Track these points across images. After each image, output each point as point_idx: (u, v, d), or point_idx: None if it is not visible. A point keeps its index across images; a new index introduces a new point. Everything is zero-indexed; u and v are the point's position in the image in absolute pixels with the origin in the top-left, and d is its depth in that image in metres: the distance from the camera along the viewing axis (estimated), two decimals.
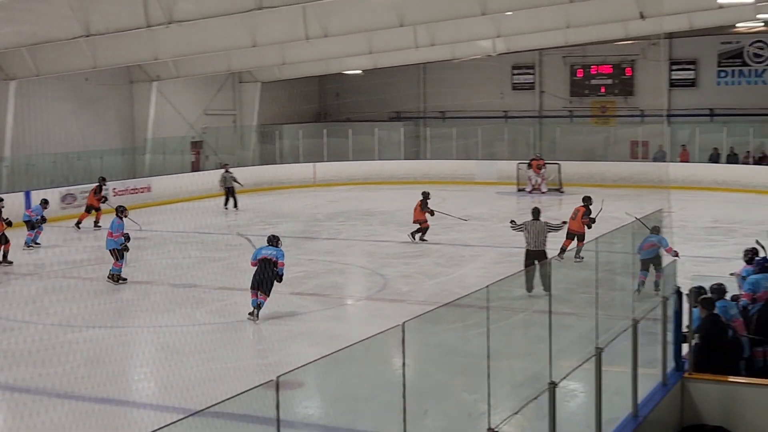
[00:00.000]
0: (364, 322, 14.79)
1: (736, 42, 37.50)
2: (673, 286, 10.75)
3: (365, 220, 27.19)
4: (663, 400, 9.79)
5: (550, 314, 8.21)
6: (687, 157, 36.70)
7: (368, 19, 25.11)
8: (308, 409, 9.58)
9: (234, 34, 25.48)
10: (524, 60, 41.15)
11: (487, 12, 23.86)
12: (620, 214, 26.14)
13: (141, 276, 18.48)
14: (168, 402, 10.89)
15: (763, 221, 20.05)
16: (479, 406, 7.66)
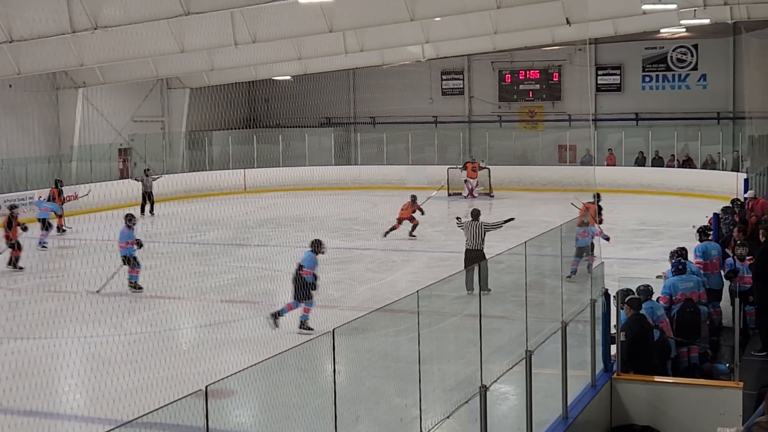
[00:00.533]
0: (295, 328, 14.73)
1: (660, 47, 38.25)
2: (600, 288, 10.91)
3: (296, 227, 27.08)
4: (592, 401, 9.93)
5: (480, 318, 8.27)
6: (614, 160, 37.32)
7: (297, 25, 25.03)
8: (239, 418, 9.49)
9: (161, 40, 25.20)
10: (453, 65, 41.44)
11: (415, 18, 23.99)
12: (550, 218, 26.50)
13: (68, 285, 18.16)
14: (96, 413, 10.72)
15: (688, 223, 20.43)
16: (411, 411, 7.68)
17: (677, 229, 23.18)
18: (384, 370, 8.90)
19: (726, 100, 37.34)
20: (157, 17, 20.97)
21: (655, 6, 23.82)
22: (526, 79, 40.59)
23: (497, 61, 40.64)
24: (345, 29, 26.18)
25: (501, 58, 40.12)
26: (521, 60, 40.15)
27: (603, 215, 19.22)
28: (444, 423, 7.51)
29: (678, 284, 12.34)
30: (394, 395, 8.82)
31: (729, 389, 9.97)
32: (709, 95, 37.67)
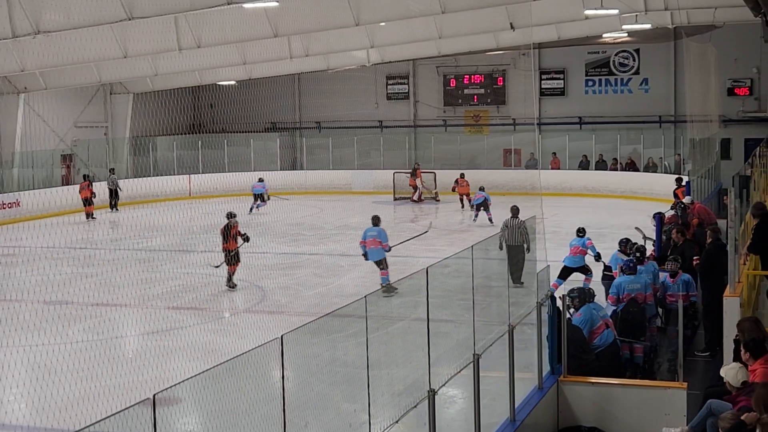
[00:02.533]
0: (242, 334, 14.66)
1: (603, 52, 38.73)
2: (547, 291, 11.01)
3: None
4: (540, 403, 10.01)
5: (428, 322, 8.30)
6: (558, 164, 37.71)
7: (242, 30, 24.92)
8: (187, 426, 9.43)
9: (104, 45, 24.90)
10: (398, 70, 41.56)
11: (360, 23, 24.02)
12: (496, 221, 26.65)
13: (11, 294, 17.87)
14: (41, 423, 10.57)
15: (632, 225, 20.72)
16: (360, 416, 7.69)
17: (621, 231, 23.40)
18: (332, 375, 8.90)
19: (667, 104, 37.91)
20: (99, 22, 20.73)
21: (598, 11, 24.13)
22: (471, 83, 40.84)
23: (442, 65, 40.83)
24: (290, 34, 26.11)
25: (446, 62, 40.31)
26: (466, 65, 40.37)
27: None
28: (393, 428, 7.53)
29: (624, 284, 12.53)
30: (342, 401, 8.83)
31: (673, 389, 10.12)
32: (651, 99, 38.20)
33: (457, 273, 12.65)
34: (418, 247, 22.99)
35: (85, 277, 19.81)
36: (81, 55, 25.36)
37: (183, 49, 24.98)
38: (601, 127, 38.44)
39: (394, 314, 11.57)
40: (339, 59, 34.92)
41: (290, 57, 30.23)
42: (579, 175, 36.07)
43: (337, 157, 40.26)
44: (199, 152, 39.68)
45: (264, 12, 23.71)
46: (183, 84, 37.39)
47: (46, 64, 27.21)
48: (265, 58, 31.10)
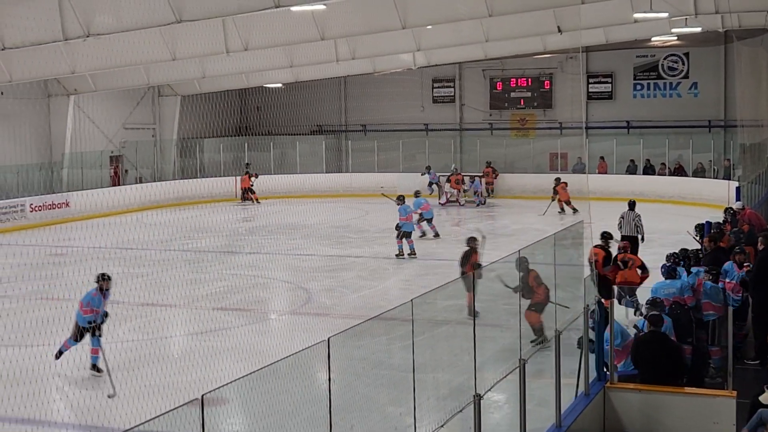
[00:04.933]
0: (288, 336, 14.72)
1: (652, 55, 38.37)
2: (594, 297, 10.92)
3: (287, 234, 27.09)
4: (586, 409, 9.93)
5: (474, 326, 8.27)
6: (605, 168, 37.40)
7: (289, 33, 25.04)
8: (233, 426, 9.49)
9: (153, 48, 25.16)
10: (444, 73, 41.50)
11: (407, 26, 24.02)
12: (541, 226, 26.54)
13: (60, 293, 18.10)
14: (90, 421, 10.70)
15: (679, 231, 20.49)
16: (405, 420, 7.68)
17: (668, 237, 23.19)
18: (377, 378, 8.91)
19: (717, 108, 37.47)
20: (149, 25, 20.93)
21: (647, 14, 23.90)
22: (518, 87, 40.66)
23: (488, 69, 40.72)
24: (337, 37, 26.19)
25: (492, 66, 40.20)
26: (512, 68, 40.23)
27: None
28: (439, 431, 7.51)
29: (661, 289, 12.42)
30: (387, 404, 8.83)
31: (722, 398, 9.99)
32: (700, 103, 37.79)
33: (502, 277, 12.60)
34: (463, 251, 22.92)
35: (134, 278, 20.00)
36: (130, 57, 25.69)
37: (230, 51, 25.17)
38: (649, 131, 38.08)
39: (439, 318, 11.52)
40: (385, 62, 34.97)
41: (337, 60, 30.32)
42: (626, 180, 35.72)
43: (382, 160, 40.28)
44: (245, 154, 39.94)
45: (311, 15, 23.82)
46: (230, 86, 37.66)
47: (96, 67, 27.56)
48: (311, 61, 31.23)
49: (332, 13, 23.66)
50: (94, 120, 35.61)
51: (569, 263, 12.84)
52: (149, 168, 38.48)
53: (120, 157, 37.53)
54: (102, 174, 35.72)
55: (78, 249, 24.60)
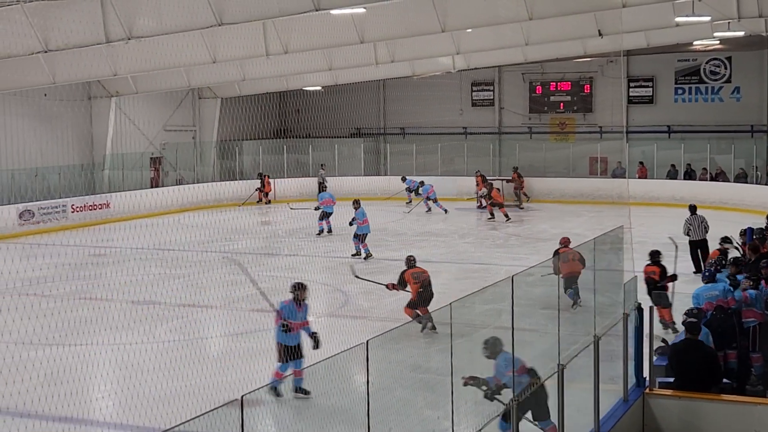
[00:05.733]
0: (325, 338, 14.73)
1: (693, 60, 38.05)
2: (633, 303, 10.85)
3: (326, 236, 27.14)
4: (624, 416, 9.86)
5: (513, 331, 8.24)
6: (645, 173, 37.10)
7: (329, 36, 25.12)
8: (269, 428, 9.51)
9: (194, 50, 25.36)
10: (484, 76, 41.43)
11: (447, 29, 24.01)
12: (581, 230, 26.38)
13: (100, 293, 18.30)
14: (129, 420, 10.79)
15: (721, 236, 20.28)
16: (442, 423, 7.67)
17: (709, 242, 22.96)
18: (414, 381, 8.89)
19: (760, 113, 37.07)
20: (190, 27, 21.12)
21: (689, 18, 23.68)
22: (557, 90, 40.50)
23: (528, 72, 40.60)
24: (376, 40, 26.25)
25: (532, 69, 40.08)
26: (552, 71, 40.08)
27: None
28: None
29: (702, 294, 12.31)
30: (424, 407, 8.80)
31: (764, 406, 9.88)
32: (742, 108, 37.40)
33: (539, 282, 12.53)
34: (502, 255, 22.90)
35: (173, 278, 20.16)
36: (171, 59, 25.91)
37: (270, 54, 25.31)
38: (690, 135, 37.73)
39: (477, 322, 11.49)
40: (424, 65, 34.99)
41: (376, 63, 30.40)
42: (667, 185, 35.42)
43: (420, 164, 40.26)
44: (284, 156, 40.11)
45: (351, 18, 23.88)
46: (270, 89, 37.86)
47: (138, 69, 27.85)
48: (351, 64, 31.33)
49: (372, 16, 23.73)
50: (135, 122, 35.97)
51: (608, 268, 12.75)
52: (189, 170, 38.76)
53: (160, 158, 37.86)
54: (142, 175, 36.05)
55: (118, 250, 24.85)
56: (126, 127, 35.44)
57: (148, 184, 36.16)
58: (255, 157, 40.45)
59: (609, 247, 13.53)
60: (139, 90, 33.75)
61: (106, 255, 24.32)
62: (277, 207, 35.48)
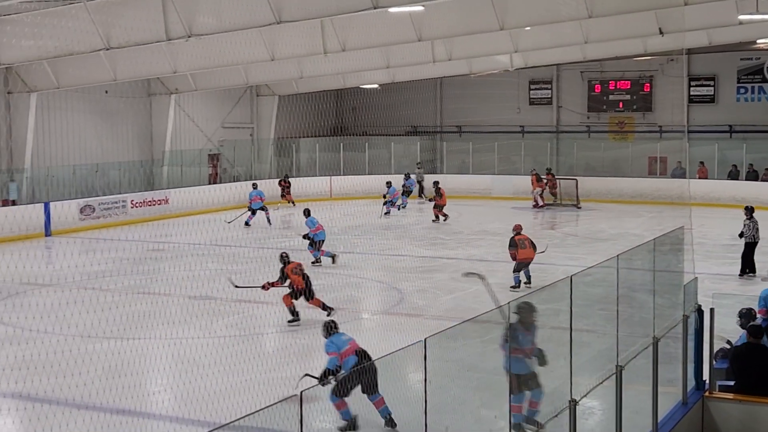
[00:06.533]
0: (380, 336, 14.75)
1: (756, 58, 37.41)
2: (693, 304, 10.69)
3: (381, 234, 27.18)
4: (683, 419, 9.72)
5: (571, 331, 8.17)
6: (705, 173, 36.56)
7: (386, 34, 25.15)
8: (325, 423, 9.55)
9: (252, 48, 25.56)
10: (542, 75, 41.17)
11: (505, 27, 23.88)
12: (639, 231, 26.11)
13: (159, 288, 18.51)
14: (186, 414, 10.89)
15: None
16: (498, 422, 7.63)
17: None
18: (469, 380, 8.86)
19: None
20: (249, 25, 21.29)
21: (753, 16, 23.28)
22: (617, 89, 40.09)
23: (587, 70, 40.25)
24: (434, 38, 26.20)
25: (591, 67, 39.74)
26: (612, 70, 39.70)
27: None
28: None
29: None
30: (480, 406, 8.77)
31: None
32: None
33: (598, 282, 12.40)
34: (558, 255, 22.70)
35: (230, 274, 20.30)
36: (230, 57, 26.14)
37: (328, 52, 25.40)
38: (752, 135, 37.09)
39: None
40: (482, 63, 34.86)
41: (433, 61, 30.37)
42: (728, 185, 34.85)
43: (477, 162, 40.13)
44: (340, 154, 40.23)
45: (409, 16, 23.87)
46: (327, 87, 38.02)
47: (197, 66, 28.14)
48: (408, 62, 31.32)
49: (430, 14, 23.68)
50: (193, 119, 36.36)
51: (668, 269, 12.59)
52: (246, 167, 39.06)
53: (218, 155, 38.20)
54: (200, 172, 36.41)
55: (176, 245, 25.12)
56: (185, 124, 35.85)
57: (206, 181, 36.51)
58: (311, 155, 40.62)
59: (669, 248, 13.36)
60: (198, 87, 34.10)
61: (164, 250, 24.60)
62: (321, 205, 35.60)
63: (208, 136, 37.51)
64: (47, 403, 11.10)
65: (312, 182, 37.95)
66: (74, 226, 27.63)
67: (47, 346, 13.65)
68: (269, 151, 40.15)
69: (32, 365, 12.50)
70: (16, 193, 28.48)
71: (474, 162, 40.17)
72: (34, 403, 11.17)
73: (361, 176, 38.39)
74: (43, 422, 10.23)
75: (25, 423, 10.51)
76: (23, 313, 16.20)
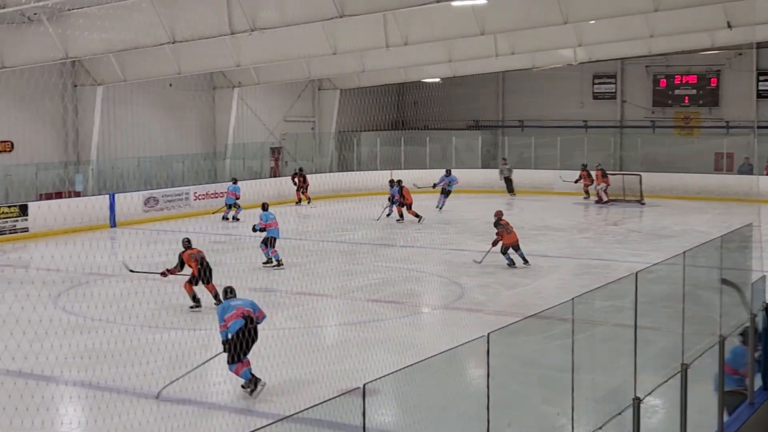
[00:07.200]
0: (440, 330, 14.72)
1: None
2: (762, 303, 10.48)
3: (442, 229, 27.11)
4: (750, 419, 9.54)
5: (635, 329, 8.06)
6: None
7: (449, 28, 25.05)
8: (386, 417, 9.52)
9: (315, 42, 25.66)
10: (606, 69, 40.72)
11: (569, 21, 23.63)
12: (704, 227, 25.71)
13: (221, 280, 18.64)
14: (247, 406, 10.97)
15: None
16: (560, 419, 7.55)
17: None
18: (530, 376, 8.77)
19: None
20: (311, 19, 21.36)
21: None
22: (682, 84, 39.48)
23: (652, 65, 39.72)
24: (497, 32, 26.03)
25: (656, 61, 39.21)
26: (678, 64, 39.11)
27: None
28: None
29: None
30: (541, 403, 8.68)
31: None
32: None
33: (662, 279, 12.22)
34: (622, 251, 22.47)
35: (291, 267, 20.42)
36: (292, 51, 26.28)
37: (390, 46, 25.39)
38: None
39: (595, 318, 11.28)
40: (545, 57, 34.59)
41: (496, 55, 30.20)
42: None
43: (539, 157, 39.84)
44: (401, 148, 40.22)
45: (472, 10, 23.74)
46: (388, 81, 38.02)
47: (260, 60, 28.34)
48: (470, 56, 31.20)
49: (493, 7, 23.55)
50: (256, 112, 36.63)
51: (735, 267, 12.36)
52: (308, 160, 39.27)
53: (280, 149, 38.44)
54: (262, 165, 36.67)
55: (237, 238, 25.32)
56: (247, 118, 36.14)
57: (267, 174, 36.76)
58: (372, 149, 40.68)
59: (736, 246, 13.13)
60: (260, 81, 34.34)
61: (225, 242, 24.81)
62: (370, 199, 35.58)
63: (270, 130, 37.77)
64: (112, 392, 11.26)
65: (373, 176, 37.96)
66: (138, 218, 28.02)
67: (112, 336, 13.86)
68: (330, 145, 40.30)
69: (97, 354, 12.68)
70: (82, 185, 28.97)
71: (536, 157, 39.90)
72: (98, 391, 11.34)
73: (422, 170, 38.31)
74: (107, 410, 10.38)
75: (90, 411, 10.67)
76: (89, 302, 16.46)
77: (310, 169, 37.89)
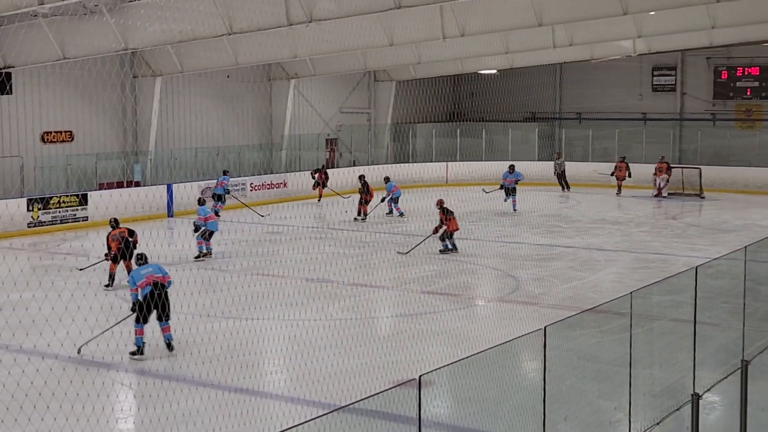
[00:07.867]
0: (494, 323, 14.65)
1: None
2: None
3: (497, 221, 26.97)
4: None
5: (695, 324, 7.94)
6: None
7: (506, 19, 24.88)
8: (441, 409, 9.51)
9: (371, 33, 25.64)
10: (665, 61, 40.17)
11: (629, 12, 23.33)
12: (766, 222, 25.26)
13: (276, 270, 18.78)
14: (301, 395, 11.01)
15: None
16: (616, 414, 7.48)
17: None
18: (586, 370, 8.71)
19: None
20: (368, 11, 21.33)
21: None
22: (744, 76, 38.79)
23: (713, 56, 39.09)
24: (555, 23, 25.79)
25: (717, 53, 38.57)
26: (740, 56, 38.42)
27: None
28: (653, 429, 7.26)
29: None
30: (597, 397, 8.60)
31: None
32: None
33: (721, 274, 12.03)
34: (680, 245, 22.17)
35: (346, 258, 20.48)
36: (349, 42, 26.28)
37: (447, 37, 25.30)
38: None
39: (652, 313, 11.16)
40: (603, 49, 34.20)
41: (553, 46, 29.95)
42: None
43: (597, 150, 39.44)
44: (457, 140, 40.09)
45: (529, 1, 23.55)
46: (444, 72, 37.89)
47: (317, 51, 28.39)
48: (527, 47, 30.96)
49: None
50: (312, 103, 36.76)
51: None
52: (363, 152, 39.31)
53: (336, 140, 38.54)
54: (318, 156, 36.79)
55: (293, 228, 25.44)
56: (303, 109, 36.29)
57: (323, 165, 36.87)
58: (428, 140, 40.60)
59: None
60: (317, 72, 34.43)
61: (281, 233, 24.94)
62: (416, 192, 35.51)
63: (326, 121, 37.89)
64: (167, 380, 11.38)
65: (428, 168, 37.92)
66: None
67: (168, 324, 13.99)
68: (386, 137, 40.30)
69: (153, 342, 12.83)
70: (140, 175, 29.32)
71: (594, 149, 39.51)
72: (154, 379, 11.47)
73: (477, 162, 38.16)
74: (162, 398, 10.49)
75: (145, 398, 10.80)
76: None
77: (366, 160, 37.93)
